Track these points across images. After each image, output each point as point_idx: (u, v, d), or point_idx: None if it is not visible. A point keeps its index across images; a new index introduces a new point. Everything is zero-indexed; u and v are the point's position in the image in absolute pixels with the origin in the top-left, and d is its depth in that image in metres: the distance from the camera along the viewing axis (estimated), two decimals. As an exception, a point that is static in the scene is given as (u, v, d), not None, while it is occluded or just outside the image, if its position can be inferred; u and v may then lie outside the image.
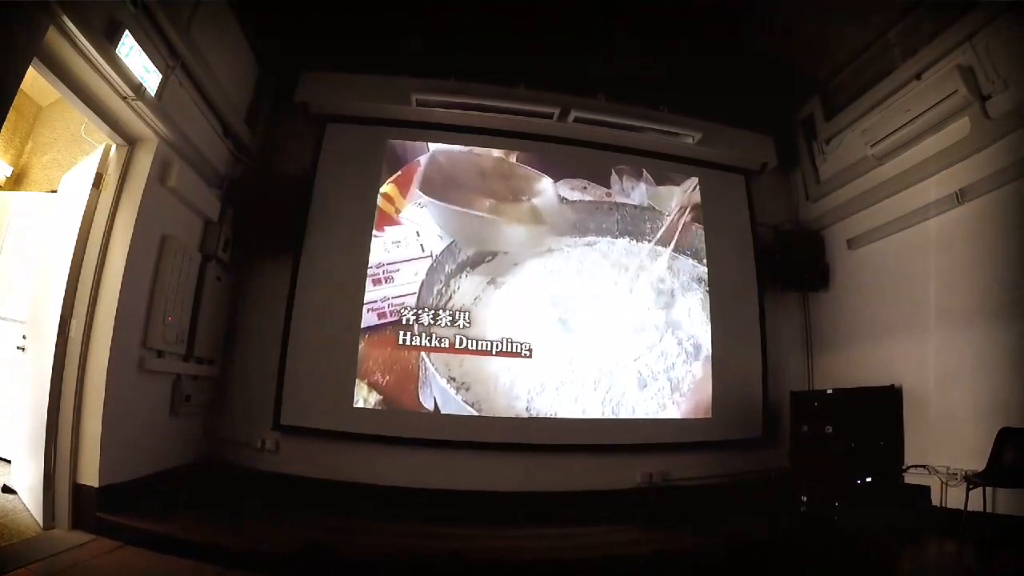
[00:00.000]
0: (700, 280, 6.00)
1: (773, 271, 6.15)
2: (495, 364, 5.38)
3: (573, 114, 5.85)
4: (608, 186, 6.04)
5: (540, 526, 4.56)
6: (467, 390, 5.29)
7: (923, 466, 4.63)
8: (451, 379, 5.29)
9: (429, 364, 5.28)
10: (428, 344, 5.31)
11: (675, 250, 6.01)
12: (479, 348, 5.37)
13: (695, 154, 6.25)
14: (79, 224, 3.93)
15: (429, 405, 5.23)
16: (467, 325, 5.40)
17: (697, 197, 6.23)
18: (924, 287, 4.96)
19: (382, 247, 5.48)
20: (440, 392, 5.25)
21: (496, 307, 5.50)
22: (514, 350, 5.41)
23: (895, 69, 5.21)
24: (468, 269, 5.56)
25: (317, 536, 3.77)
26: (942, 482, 4.46)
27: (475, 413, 5.25)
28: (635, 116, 5.97)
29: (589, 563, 3.85)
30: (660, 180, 6.20)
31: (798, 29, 5.21)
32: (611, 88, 5.94)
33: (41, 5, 2.90)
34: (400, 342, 5.29)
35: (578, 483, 5.23)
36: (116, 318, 3.82)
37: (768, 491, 5.30)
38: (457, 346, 5.34)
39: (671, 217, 6.10)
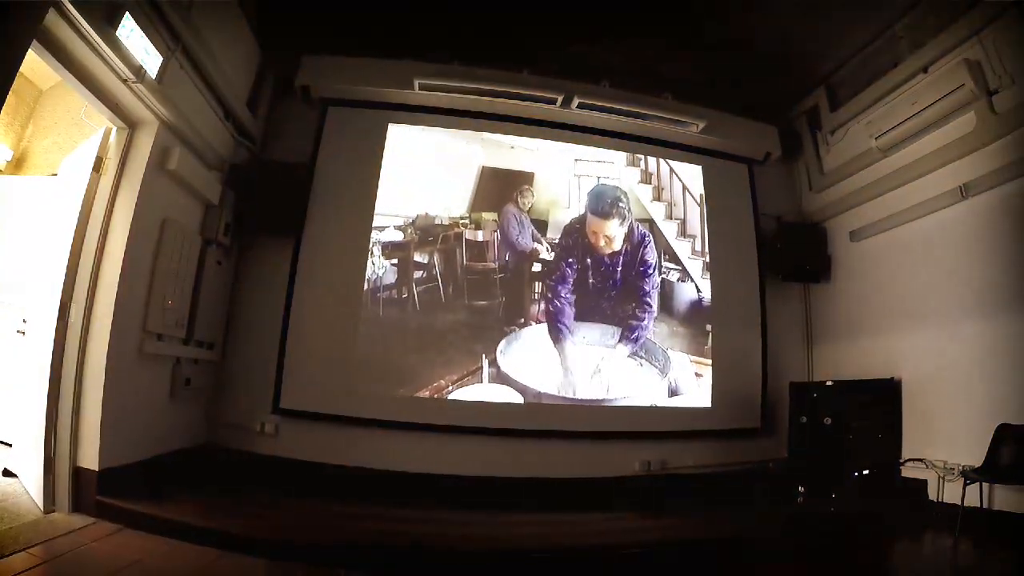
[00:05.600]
0: (700, 268, 5.99)
1: (775, 261, 6.12)
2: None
3: (577, 100, 5.78)
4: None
5: (538, 512, 4.58)
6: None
7: (921, 460, 4.66)
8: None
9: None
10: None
11: (676, 237, 6.01)
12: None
13: (699, 142, 6.22)
14: (79, 208, 3.91)
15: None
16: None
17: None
18: (926, 281, 4.97)
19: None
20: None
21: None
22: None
23: (902, 61, 5.16)
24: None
25: (315, 520, 3.80)
26: (939, 476, 4.48)
27: (475, 399, 5.27)
28: (639, 103, 5.92)
29: (585, 550, 3.86)
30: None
31: (804, 21, 5.15)
32: (615, 77, 5.91)
33: (40, -13, 2.86)
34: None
35: (576, 470, 5.25)
36: (116, 302, 3.81)
37: (765, 481, 5.33)
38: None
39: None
